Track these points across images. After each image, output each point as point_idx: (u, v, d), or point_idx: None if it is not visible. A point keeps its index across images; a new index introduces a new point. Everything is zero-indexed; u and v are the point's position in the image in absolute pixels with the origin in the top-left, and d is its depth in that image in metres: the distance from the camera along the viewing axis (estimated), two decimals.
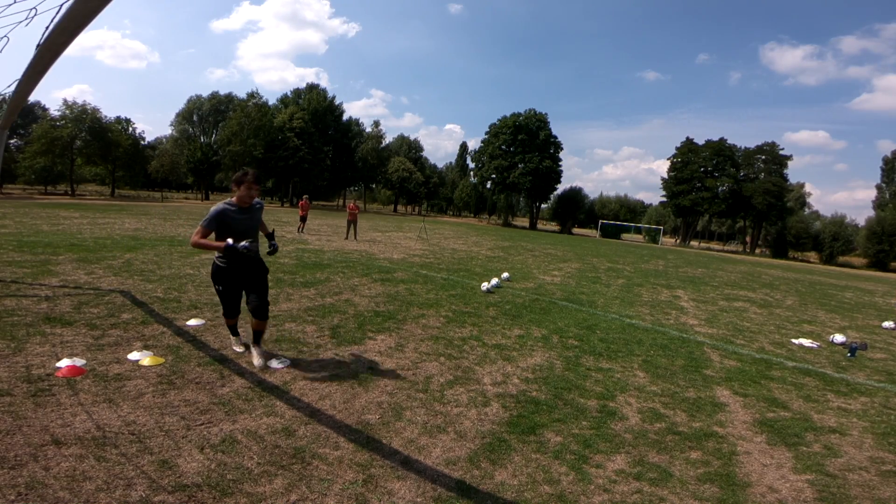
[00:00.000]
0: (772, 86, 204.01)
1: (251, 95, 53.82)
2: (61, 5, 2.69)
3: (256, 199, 4.05)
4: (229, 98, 56.69)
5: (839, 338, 7.43)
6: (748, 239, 62.17)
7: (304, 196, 21.04)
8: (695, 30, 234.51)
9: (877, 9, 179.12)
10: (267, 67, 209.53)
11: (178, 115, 55.89)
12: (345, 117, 64.20)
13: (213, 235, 3.85)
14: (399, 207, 78.47)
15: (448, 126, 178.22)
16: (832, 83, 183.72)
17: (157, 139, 62.66)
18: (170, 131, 57.75)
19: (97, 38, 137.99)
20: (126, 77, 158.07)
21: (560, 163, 60.41)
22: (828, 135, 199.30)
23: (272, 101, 58.29)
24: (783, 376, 5.30)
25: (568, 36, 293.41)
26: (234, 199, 3.91)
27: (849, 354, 6.56)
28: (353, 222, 17.46)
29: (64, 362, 3.62)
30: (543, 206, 70.88)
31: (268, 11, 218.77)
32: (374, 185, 74.23)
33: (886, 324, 9.14)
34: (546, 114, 59.39)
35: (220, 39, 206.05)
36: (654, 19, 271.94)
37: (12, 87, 4.87)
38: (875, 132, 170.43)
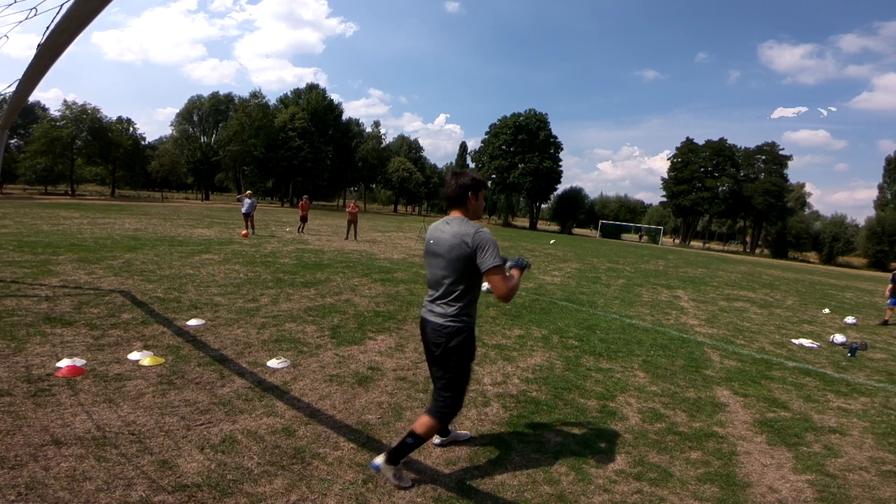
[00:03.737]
0: (771, 85, 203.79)
1: (254, 95, 53.72)
2: (61, 5, 2.69)
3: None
4: (229, 98, 56.60)
5: (839, 338, 7.43)
6: (748, 239, 62.17)
7: (304, 196, 21.02)
8: (693, 28, 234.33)
9: (876, 7, 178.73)
10: (265, 67, 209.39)
11: (178, 115, 55.87)
12: (344, 117, 64.19)
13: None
14: (399, 207, 78.41)
15: (448, 126, 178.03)
16: (832, 82, 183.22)
17: (158, 139, 62.71)
18: (170, 131, 57.76)
19: (95, 37, 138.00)
20: (124, 77, 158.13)
21: (560, 163, 60.51)
22: (828, 134, 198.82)
23: (271, 101, 58.16)
24: (783, 376, 5.30)
25: (567, 35, 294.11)
26: (464, 214, 2.69)
27: (849, 354, 6.56)
28: (353, 222, 17.44)
29: (64, 362, 3.62)
30: (543, 206, 70.92)
31: (264, 11, 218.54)
32: (374, 186, 74.14)
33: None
34: (546, 114, 59.47)
35: (217, 39, 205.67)
36: (653, 18, 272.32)
37: (12, 87, 4.88)
38: (875, 132, 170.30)
